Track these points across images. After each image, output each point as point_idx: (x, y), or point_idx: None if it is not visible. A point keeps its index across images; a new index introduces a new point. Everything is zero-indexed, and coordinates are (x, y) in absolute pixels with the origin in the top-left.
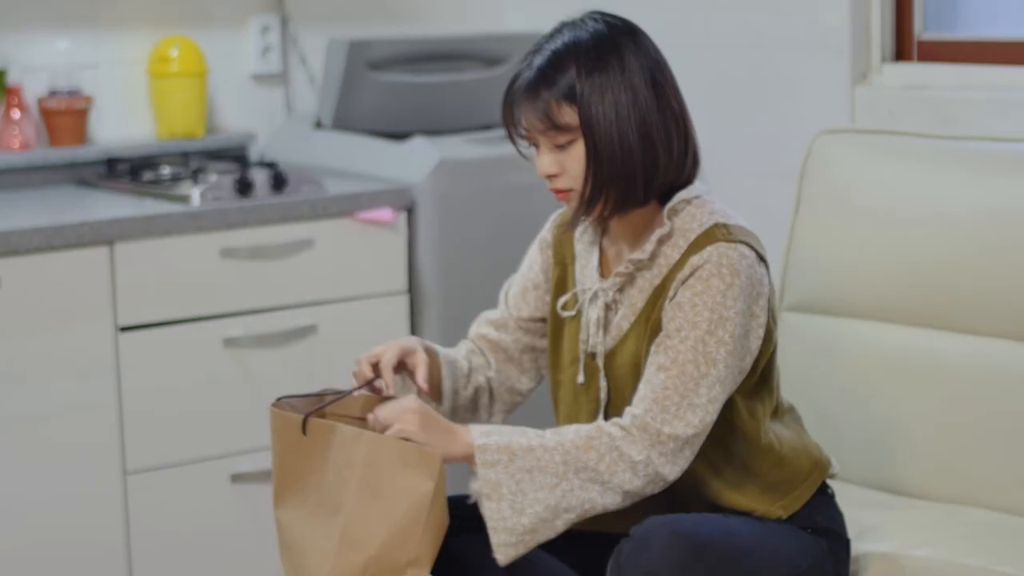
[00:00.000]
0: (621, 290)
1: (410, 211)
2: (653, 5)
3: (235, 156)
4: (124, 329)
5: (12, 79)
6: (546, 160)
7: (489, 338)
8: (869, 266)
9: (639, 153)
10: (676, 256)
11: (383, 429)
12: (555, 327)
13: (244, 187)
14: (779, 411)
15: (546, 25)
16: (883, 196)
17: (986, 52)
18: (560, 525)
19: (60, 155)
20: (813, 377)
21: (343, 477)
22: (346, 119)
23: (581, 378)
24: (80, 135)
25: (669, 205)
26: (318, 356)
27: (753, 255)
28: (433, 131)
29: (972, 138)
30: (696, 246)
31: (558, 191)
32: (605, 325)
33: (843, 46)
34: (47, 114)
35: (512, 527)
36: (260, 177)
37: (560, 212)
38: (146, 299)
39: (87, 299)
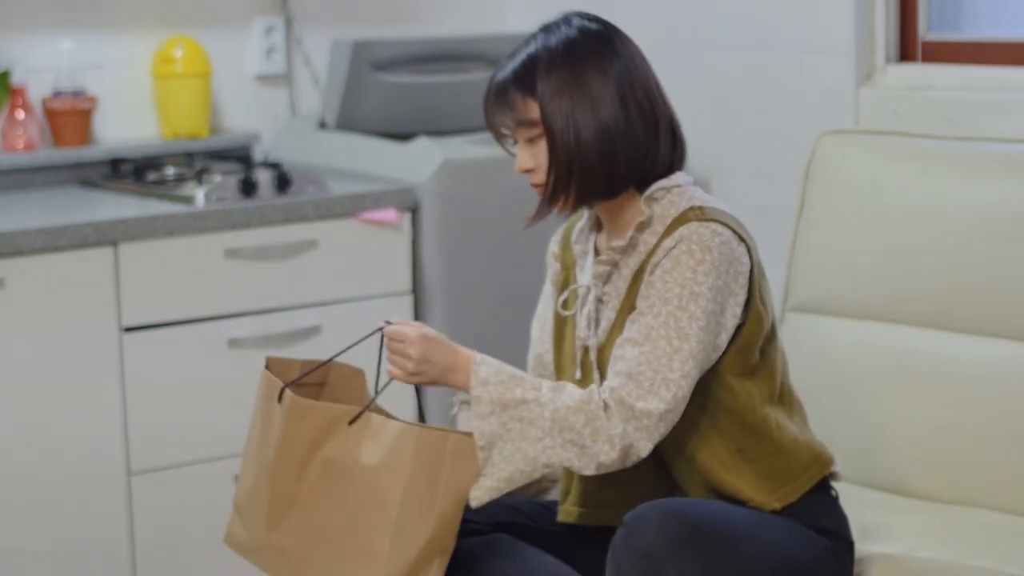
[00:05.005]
0: (608, 281)
1: (414, 212)
2: (655, 7)
3: (239, 157)
4: (128, 330)
5: (16, 79)
6: (522, 155)
7: (540, 366)
8: (873, 267)
9: (596, 149)
10: (653, 241)
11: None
12: (558, 328)
13: (248, 188)
14: (784, 400)
15: None
16: (887, 197)
17: (991, 53)
18: (534, 476)
19: (64, 155)
20: (816, 377)
21: (390, 475)
22: (350, 120)
23: (578, 373)
24: (84, 136)
25: (646, 193)
26: (322, 357)
27: (729, 233)
28: (437, 132)
29: (976, 139)
30: (670, 229)
31: (536, 185)
32: (597, 319)
33: (847, 47)
34: (51, 115)
35: (493, 472)
36: (264, 178)
37: (562, 227)
38: (150, 300)
39: (91, 300)
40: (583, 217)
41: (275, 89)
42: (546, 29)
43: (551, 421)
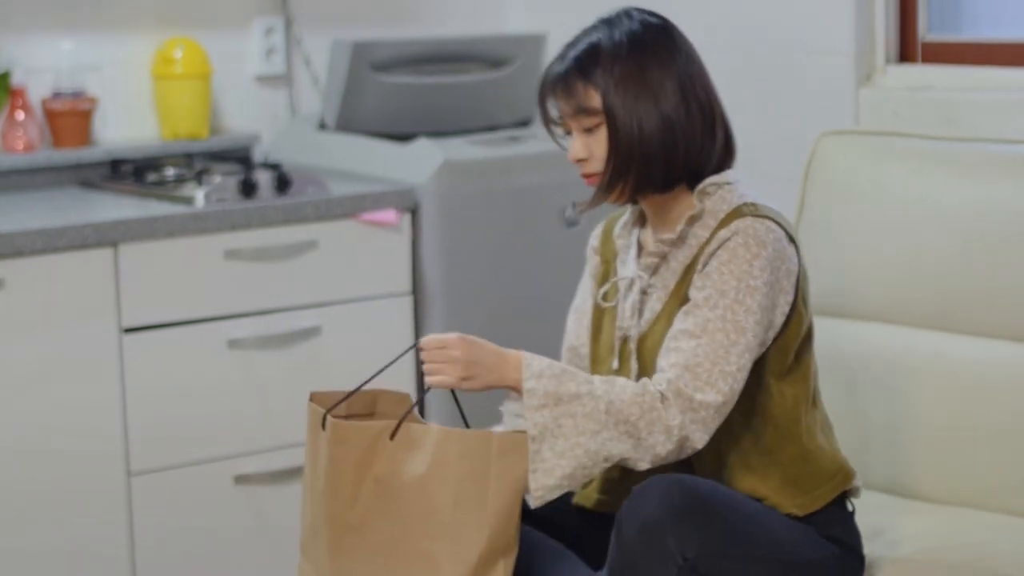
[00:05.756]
0: (655, 273)
1: (414, 212)
2: (655, 6)
3: (239, 157)
4: (128, 330)
5: (16, 80)
6: (576, 144)
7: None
8: (874, 268)
9: (658, 140)
10: (705, 235)
11: (427, 373)
12: (596, 320)
13: (248, 188)
14: (816, 406)
15: (550, 26)
16: (887, 198)
17: (991, 54)
18: (596, 471)
19: (64, 156)
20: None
21: (437, 481)
22: (350, 120)
23: (615, 363)
24: (84, 136)
25: (699, 187)
26: (322, 358)
27: (781, 232)
28: (437, 132)
29: (976, 140)
30: (724, 223)
31: (586, 175)
32: (640, 310)
33: (847, 47)
34: (51, 115)
35: (550, 469)
36: (264, 178)
37: (602, 223)
38: (150, 300)
39: (91, 300)
40: (626, 212)
41: (275, 90)
42: (607, 22)
43: (606, 414)
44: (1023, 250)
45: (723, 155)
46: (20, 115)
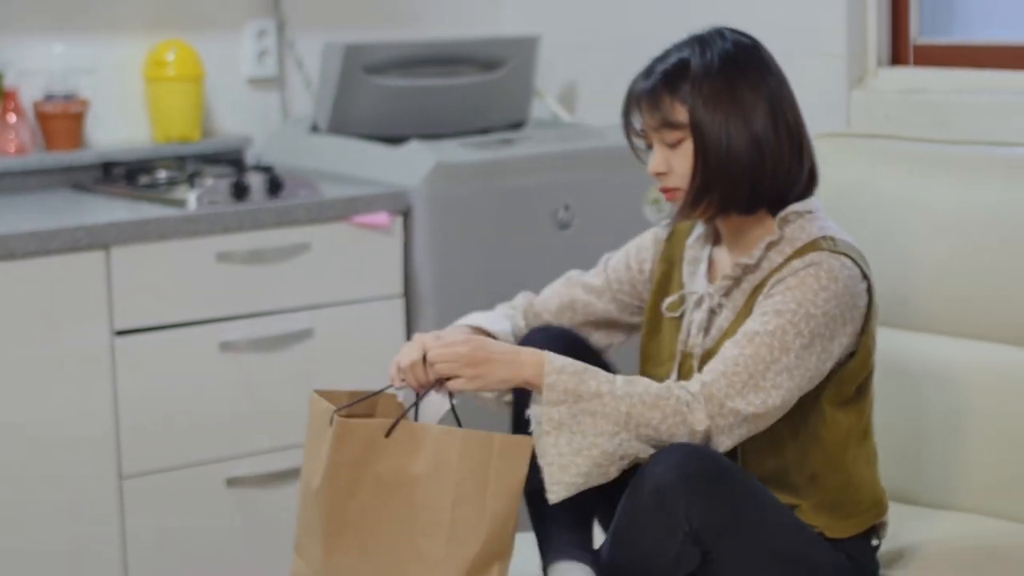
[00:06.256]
0: (727, 294)
1: (406, 215)
2: (648, 7)
3: (231, 160)
4: (120, 333)
5: (8, 83)
6: (656, 158)
7: (576, 300)
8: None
9: (746, 159)
10: (779, 260)
11: (437, 375)
12: (653, 324)
13: (240, 191)
14: (866, 439)
15: (543, 28)
16: (879, 200)
17: (982, 56)
18: (613, 471)
19: (56, 159)
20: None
21: (436, 480)
22: (342, 123)
23: (675, 376)
24: (76, 139)
25: (781, 214)
26: (314, 360)
27: (857, 271)
28: (429, 135)
29: (968, 142)
30: (800, 252)
31: (665, 190)
32: (707, 328)
33: (839, 50)
34: (43, 118)
35: (566, 465)
36: (256, 181)
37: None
38: (142, 303)
39: (83, 303)
40: (699, 223)
41: (267, 92)
42: (699, 39)
43: (627, 416)
44: (1016, 252)
45: (808, 182)
46: (12, 118)
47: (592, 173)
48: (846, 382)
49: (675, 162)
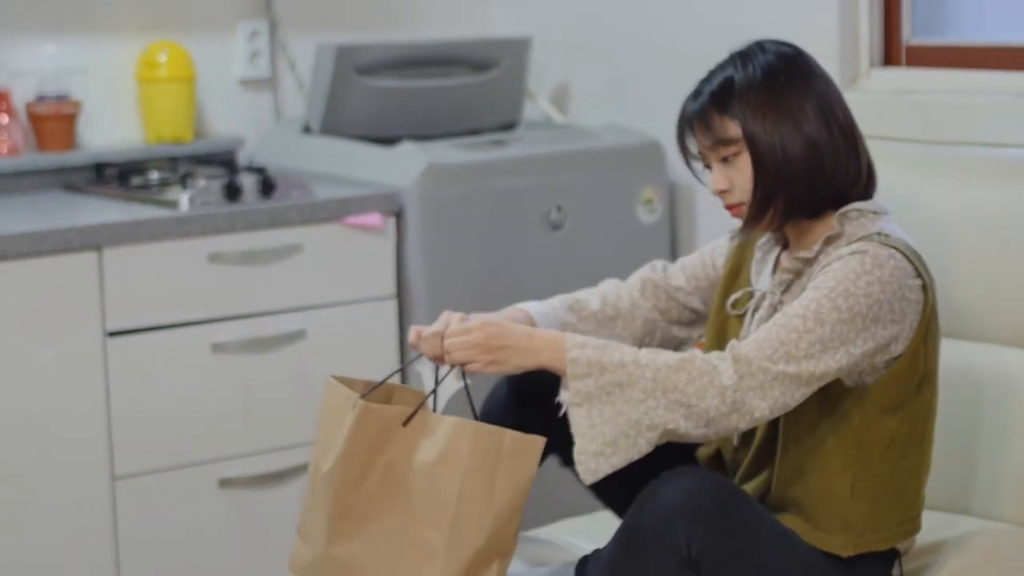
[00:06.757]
0: (787, 289)
1: (398, 216)
2: (640, 9)
3: (223, 161)
4: (112, 334)
5: (0, 83)
6: (716, 176)
7: (660, 285)
8: None
9: (802, 162)
10: (835, 253)
11: (452, 363)
12: (719, 321)
13: (232, 192)
14: (922, 447)
15: (534, 29)
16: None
17: (975, 57)
18: (643, 444)
19: (48, 160)
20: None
21: (446, 471)
22: (334, 124)
23: None
24: (68, 140)
25: (841, 210)
26: (307, 361)
27: (908, 266)
28: (422, 136)
29: (961, 143)
30: (851, 244)
31: (730, 207)
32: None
33: (831, 51)
34: (35, 119)
35: (593, 435)
36: (248, 182)
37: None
38: (134, 304)
39: (75, 304)
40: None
41: (259, 93)
42: (741, 55)
43: (653, 381)
44: (1007, 253)
45: (867, 180)
46: (4, 119)
47: (584, 174)
48: (895, 385)
49: (735, 177)
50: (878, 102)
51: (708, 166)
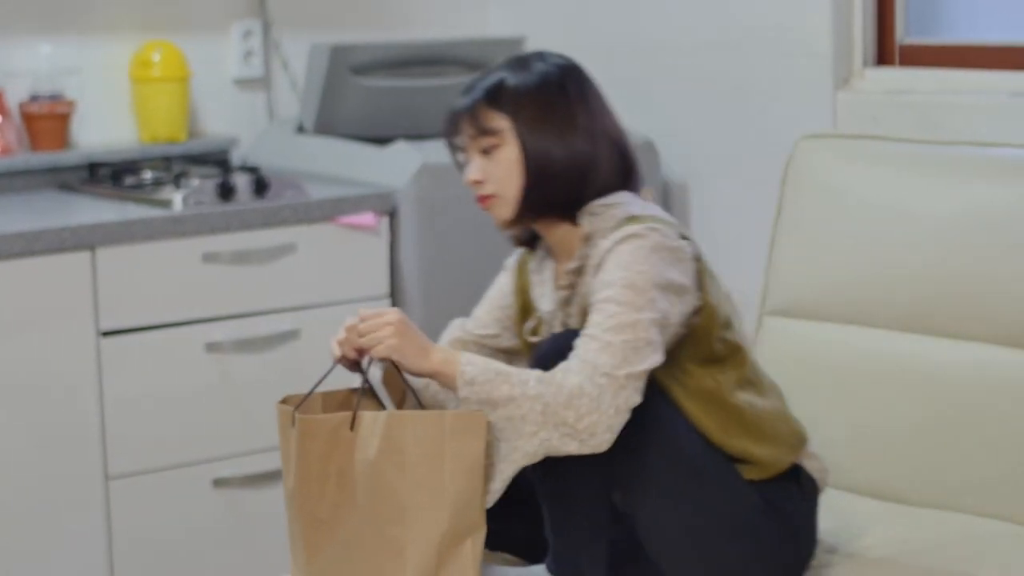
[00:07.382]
0: (567, 303)
1: (392, 215)
2: (635, 9)
3: (217, 161)
4: (106, 334)
5: None
6: (472, 167)
7: (478, 341)
8: (851, 271)
9: (564, 168)
10: (598, 256)
11: (364, 350)
12: (527, 353)
13: (226, 192)
14: (754, 383)
15: (529, 29)
16: (865, 201)
17: (968, 56)
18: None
19: (42, 160)
20: (795, 382)
21: (390, 465)
22: (328, 124)
23: None
24: (62, 140)
25: (585, 208)
26: (300, 361)
27: (667, 229)
28: (416, 136)
29: (954, 143)
30: (609, 236)
31: (481, 198)
32: None
33: (825, 50)
34: (29, 119)
35: (492, 476)
36: (242, 182)
37: (520, 254)
38: (128, 304)
39: (69, 304)
40: (536, 252)
41: (253, 93)
42: (520, 60)
43: (543, 415)
44: (1001, 253)
45: (623, 183)
46: None
47: None
48: (705, 340)
49: (491, 170)
50: (871, 102)
51: (469, 158)
